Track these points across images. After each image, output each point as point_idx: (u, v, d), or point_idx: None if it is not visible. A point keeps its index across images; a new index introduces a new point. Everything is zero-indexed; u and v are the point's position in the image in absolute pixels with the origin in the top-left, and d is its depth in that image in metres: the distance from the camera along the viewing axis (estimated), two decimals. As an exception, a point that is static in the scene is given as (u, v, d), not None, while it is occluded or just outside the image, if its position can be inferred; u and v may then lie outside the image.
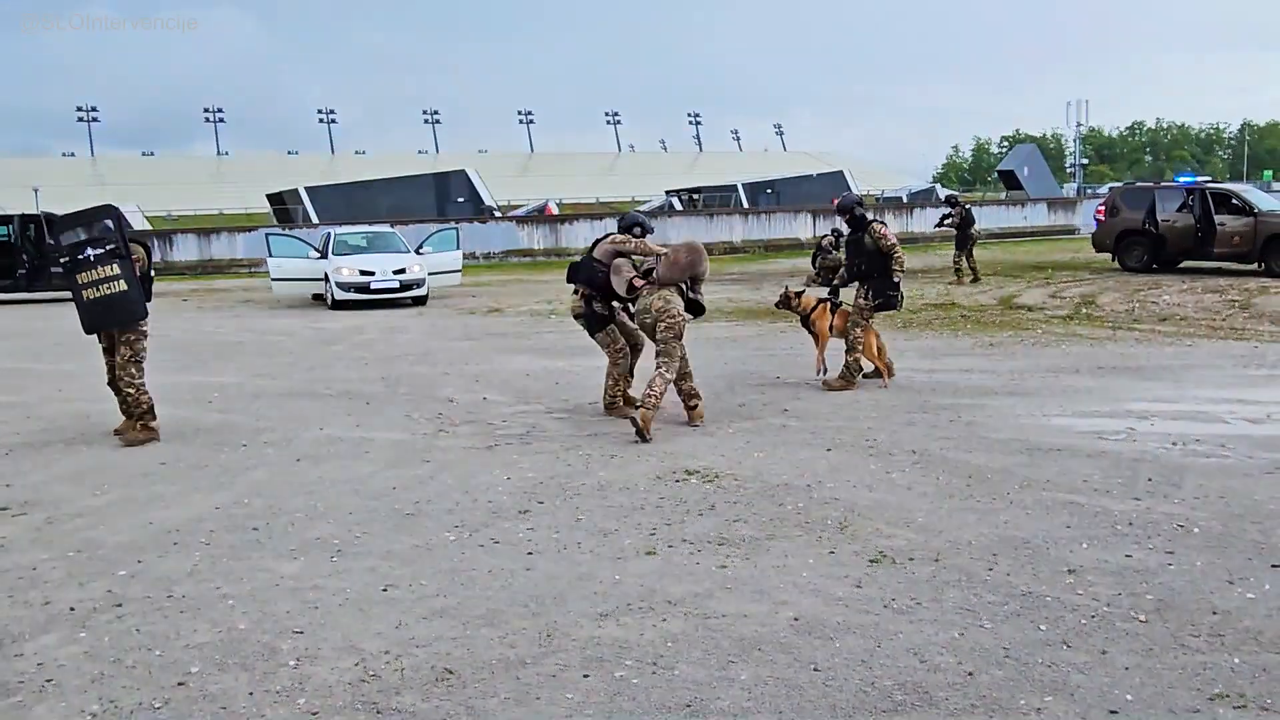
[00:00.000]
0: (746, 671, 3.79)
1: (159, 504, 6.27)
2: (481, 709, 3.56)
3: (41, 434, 8.44)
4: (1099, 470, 6.39)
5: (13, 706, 3.67)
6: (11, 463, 7.44)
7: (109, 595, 4.74)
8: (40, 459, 7.55)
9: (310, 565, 5.08)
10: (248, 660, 4.01)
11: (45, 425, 8.81)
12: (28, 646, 4.19)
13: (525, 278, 28.01)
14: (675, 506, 5.88)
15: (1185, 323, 13.48)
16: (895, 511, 5.68)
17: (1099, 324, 13.63)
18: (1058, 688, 3.60)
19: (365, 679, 3.81)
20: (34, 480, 6.93)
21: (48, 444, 8.05)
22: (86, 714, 3.60)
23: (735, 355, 11.74)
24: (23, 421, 9.00)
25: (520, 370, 11.17)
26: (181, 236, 36.19)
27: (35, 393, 10.56)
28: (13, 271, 24.43)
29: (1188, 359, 10.59)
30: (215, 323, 17.87)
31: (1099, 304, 16.00)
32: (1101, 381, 9.43)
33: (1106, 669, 3.73)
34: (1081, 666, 3.75)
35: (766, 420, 8.13)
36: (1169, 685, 3.59)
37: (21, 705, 3.68)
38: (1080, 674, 3.70)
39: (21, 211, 26.43)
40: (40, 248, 24.86)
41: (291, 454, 7.47)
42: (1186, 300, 15.95)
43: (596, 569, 4.91)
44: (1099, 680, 3.64)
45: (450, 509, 5.97)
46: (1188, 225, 20.34)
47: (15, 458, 7.60)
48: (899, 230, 41.19)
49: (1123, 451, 6.84)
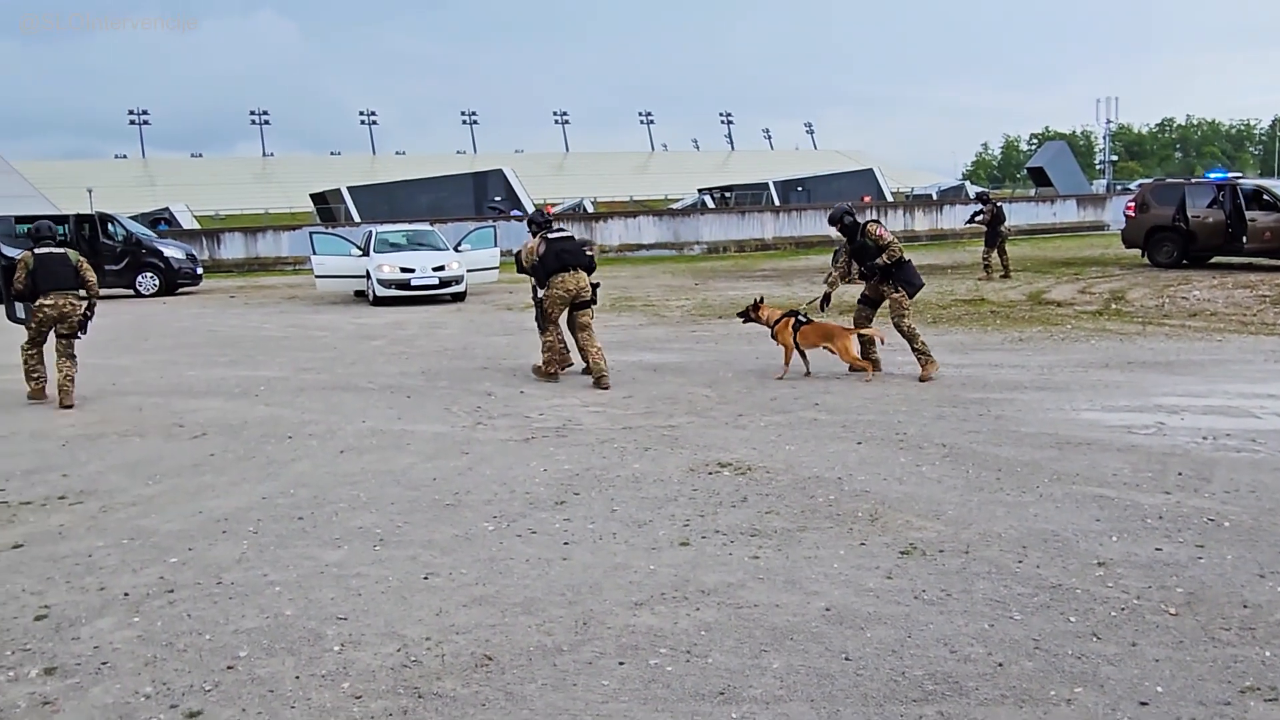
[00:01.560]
0: (779, 660, 3.77)
1: (208, 494, 6.33)
2: (520, 694, 3.57)
3: (97, 426, 8.55)
4: (1129, 464, 6.30)
5: (71, 687, 3.73)
6: (68, 453, 7.55)
7: (161, 581, 4.80)
8: (95, 450, 7.65)
9: (353, 554, 5.12)
10: (294, 645, 4.05)
11: (100, 418, 8.92)
12: (84, 630, 4.25)
13: (561, 274, 28.04)
14: (708, 498, 5.87)
15: (1215, 318, 13.26)
16: (925, 504, 5.64)
17: (1129, 319, 13.44)
18: (1088, 679, 3.56)
19: (407, 664, 3.84)
20: (90, 470, 7.02)
21: (102, 435, 8.16)
22: (140, 695, 3.65)
23: (767, 350, 11.67)
24: (79, 414, 9.12)
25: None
26: (229, 235, 36.59)
27: (91, 386, 10.69)
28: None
29: (1218, 354, 10.43)
30: (261, 318, 18.04)
31: (1129, 299, 15.78)
32: (1131, 376, 9.30)
33: (1137, 661, 3.68)
34: (1112, 658, 3.71)
35: (798, 414, 8.10)
36: (1199, 678, 3.54)
37: (79, 686, 3.74)
38: (1110, 666, 3.65)
39: (77, 211, 26.79)
40: (95, 246, 25.23)
41: (335, 446, 7.52)
42: (1217, 295, 15.70)
43: (631, 559, 4.91)
44: (1129, 672, 3.60)
45: (489, 500, 5.99)
46: (1218, 221, 20.02)
47: (72, 448, 7.71)
48: (929, 227, 40.97)
49: (1152, 446, 6.75)
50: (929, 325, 13.38)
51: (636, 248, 37.59)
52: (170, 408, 9.27)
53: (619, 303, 18.32)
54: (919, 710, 3.38)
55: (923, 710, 3.38)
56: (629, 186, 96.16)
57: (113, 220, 25.89)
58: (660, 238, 38.24)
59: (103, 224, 25.46)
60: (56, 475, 6.89)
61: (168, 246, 26.53)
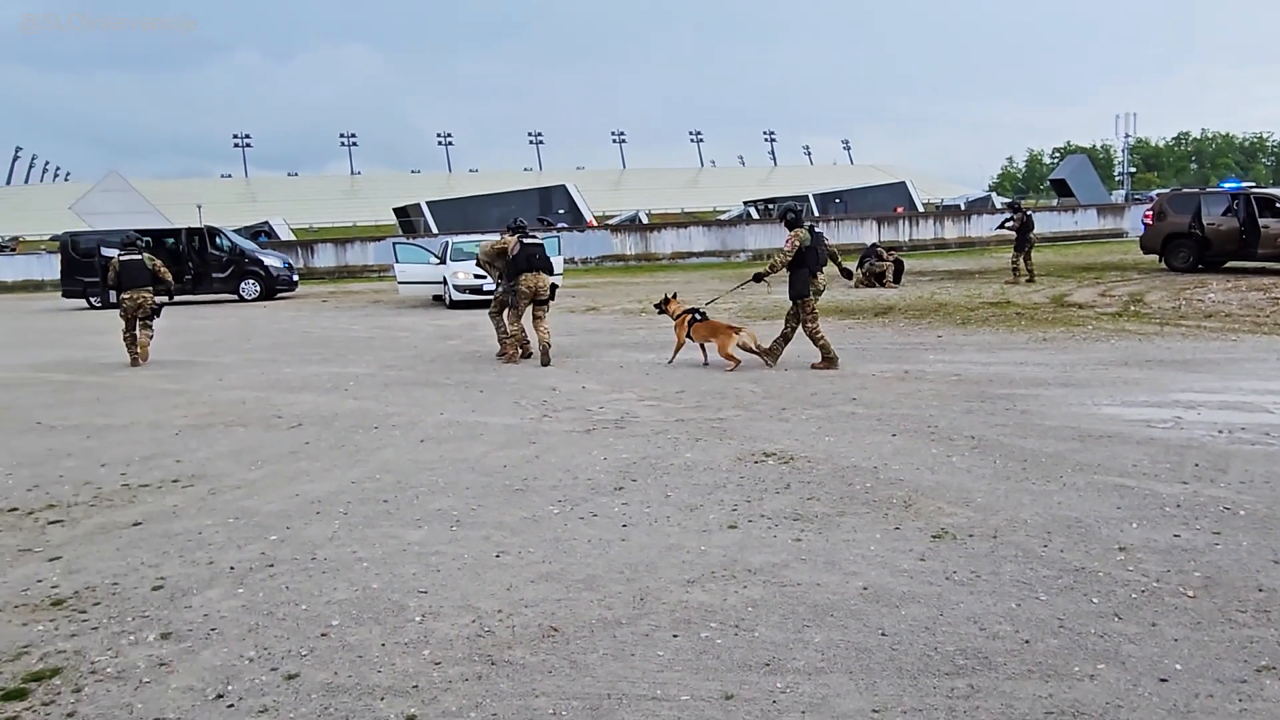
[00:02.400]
0: (820, 635, 3.74)
1: (304, 478, 6.42)
2: (583, 663, 3.58)
3: (205, 417, 8.72)
4: (1147, 456, 6.15)
5: (183, 650, 3.81)
6: (181, 441, 7.71)
7: (262, 557, 4.88)
8: (204, 438, 7.80)
9: (433, 533, 5.16)
10: (380, 615, 4.09)
11: (208, 410, 9.10)
12: (195, 600, 4.34)
13: (619, 280, 28.08)
14: (754, 485, 5.84)
15: (1230, 319, 12.88)
16: (955, 492, 5.55)
17: (1147, 320, 13.10)
18: (1110, 656, 3.47)
19: (481, 634, 3.86)
20: (199, 457, 7.16)
21: (210, 426, 8.32)
22: (244, 659, 3.71)
23: (807, 349, 11.57)
24: (189, 406, 9.31)
25: (614, 363, 11.20)
26: (321, 246, 37.19)
27: (200, 382, 10.93)
28: (181, 277, 25.38)
29: (1233, 353, 10.13)
30: (350, 321, 18.29)
31: (1147, 302, 15.38)
32: (1149, 373, 9.06)
33: (1157, 640, 3.59)
34: (1132, 637, 3.62)
35: (836, 408, 8.02)
36: (1217, 657, 3.44)
37: (190, 650, 3.81)
38: (1131, 644, 3.56)
39: (188, 225, 27.39)
40: (203, 256, 25.78)
41: (416, 436, 7.59)
42: (1231, 298, 15.24)
43: (684, 540, 4.89)
44: (1149, 650, 3.51)
45: (554, 485, 6.01)
46: (1232, 228, 19.47)
47: (184, 437, 7.88)
48: (957, 235, 40.35)
49: (1170, 439, 6.57)
50: (958, 326, 13.19)
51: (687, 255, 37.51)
52: (270, 401, 9.43)
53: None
54: (951, 683, 3.33)
55: (954, 683, 3.33)
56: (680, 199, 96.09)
57: (219, 233, 26.44)
58: (709, 246, 38.15)
59: (211, 236, 26.01)
60: (171, 461, 7.04)
61: (267, 256, 27.05)
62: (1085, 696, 3.20)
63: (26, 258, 40.29)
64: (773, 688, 3.34)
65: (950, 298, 17.34)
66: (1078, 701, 3.17)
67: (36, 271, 37.18)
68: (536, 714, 3.22)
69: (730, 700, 3.27)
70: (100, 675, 3.61)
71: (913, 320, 14.25)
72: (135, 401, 9.69)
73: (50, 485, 6.45)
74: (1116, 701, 3.17)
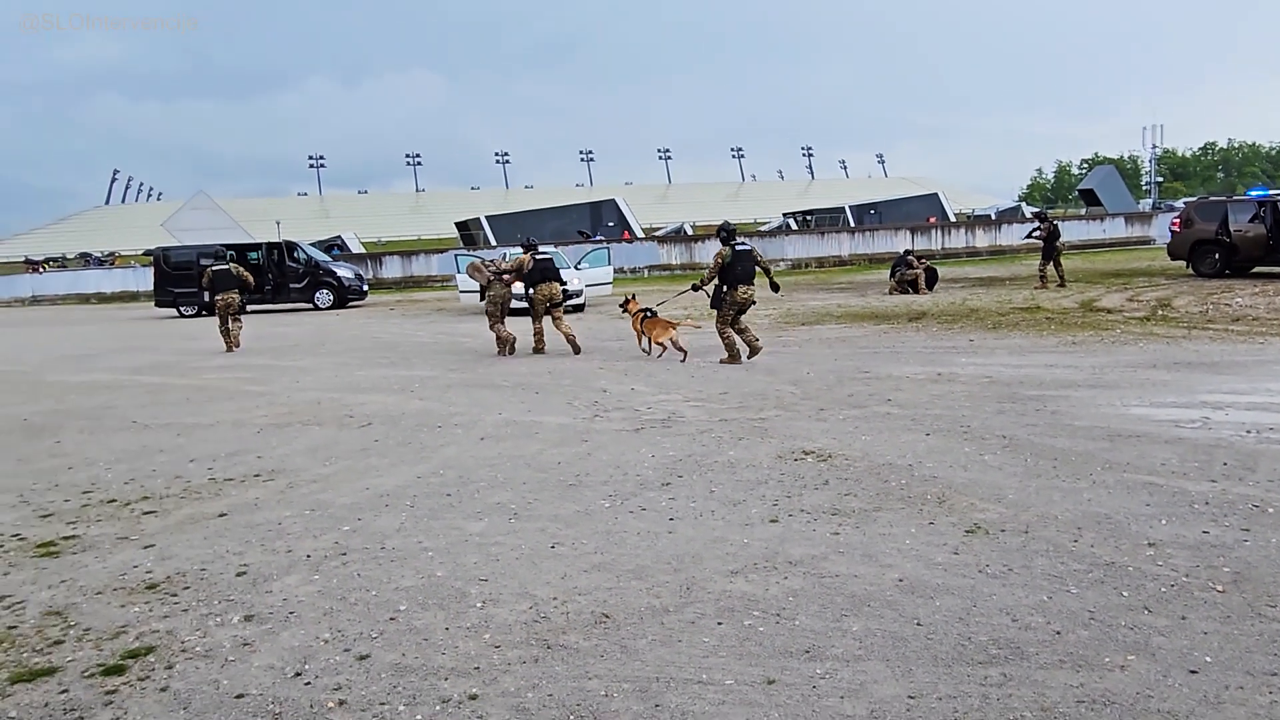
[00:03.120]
0: (858, 624, 3.70)
1: (373, 473, 6.50)
2: (633, 648, 3.57)
3: (284, 416, 8.87)
4: (1176, 455, 5.98)
5: (265, 632, 3.88)
6: (262, 439, 7.86)
7: (336, 545, 4.95)
8: (283, 436, 7.94)
9: (492, 525, 5.19)
10: (444, 601, 4.12)
11: (287, 410, 9.25)
12: (275, 585, 4.41)
13: (665, 288, 28.05)
14: (794, 481, 5.79)
15: (1257, 323, 12.49)
16: (987, 489, 5.45)
17: (1175, 324, 12.76)
18: (1140, 648, 3.39)
19: (537, 620, 3.88)
20: (279, 453, 7.29)
21: (289, 424, 8.46)
22: (320, 640, 3.77)
23: (844, 352, 11.48)
24: (270, 406, 9.48)
25: (661, 366, 11.19)
26: (388, 258, 37.71)
27: (279, 384, 11.13)
28: (261, 287, 25.90)
29: (1260, 355, 9.82)
30: (415, 327, 18.50)
31: (1174, 306, 14.98)
32: (1178, 375, 8.82)
33: (1186, 633, 3.49)
34: (1162, 630, 3.52)
35: (872, 408, 7.92)
36: (1247, 650, 3.34)
37: (271, 631, 3.88)
38: (1161, 637, 3.47)
39: (268, 240, 27.93)
40: (282, 268, 26.27)
41: (476, 434, 7.64)
42: (1259, 302, 14.79)
43: (728, 533, 4.87)
44: (1179, 643, 3.41)
45: (605, 481, 6.01)
46: (1259, 234, 18.90)
47: (265, 435, 8.02)
48: (988, 244, 39.72)
49: (1199, 438, 6.39)
50: (989, 331, 12.96)
51: (729, 264, 37.32)
52: (342, 401, 9.57)
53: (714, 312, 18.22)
54: (984, 671, 3.27)
55: (987, 671, 3.27)
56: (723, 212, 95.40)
57: (296, 246, 26.92)
58: (750, 255, 37.88)
59: (288, 250, 26.50)
60: (252, 457, 7.17)
61: (340, 268, 27.48)
62: (1116, 686, 3.13)
63: (123, 270, 41.45)
64: (812, 674, 3.31)
65: (982, 303, 17.06)
66: (1109, 691, 3.10)
67: (132, 283, 38.26)
68: (589, 695, 3.22)
69: (772, 685, 3.24)
70: (190, 653, 3.69)
71: (945, 325, 14.04)
72: (221, 402, 9.90)
73: (145, 479, 6.61)
74: (1147, 692, 3.09)
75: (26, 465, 7.23)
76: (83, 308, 34.90)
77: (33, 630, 3.99)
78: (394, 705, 3.21)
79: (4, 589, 4.51)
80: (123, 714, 3.23)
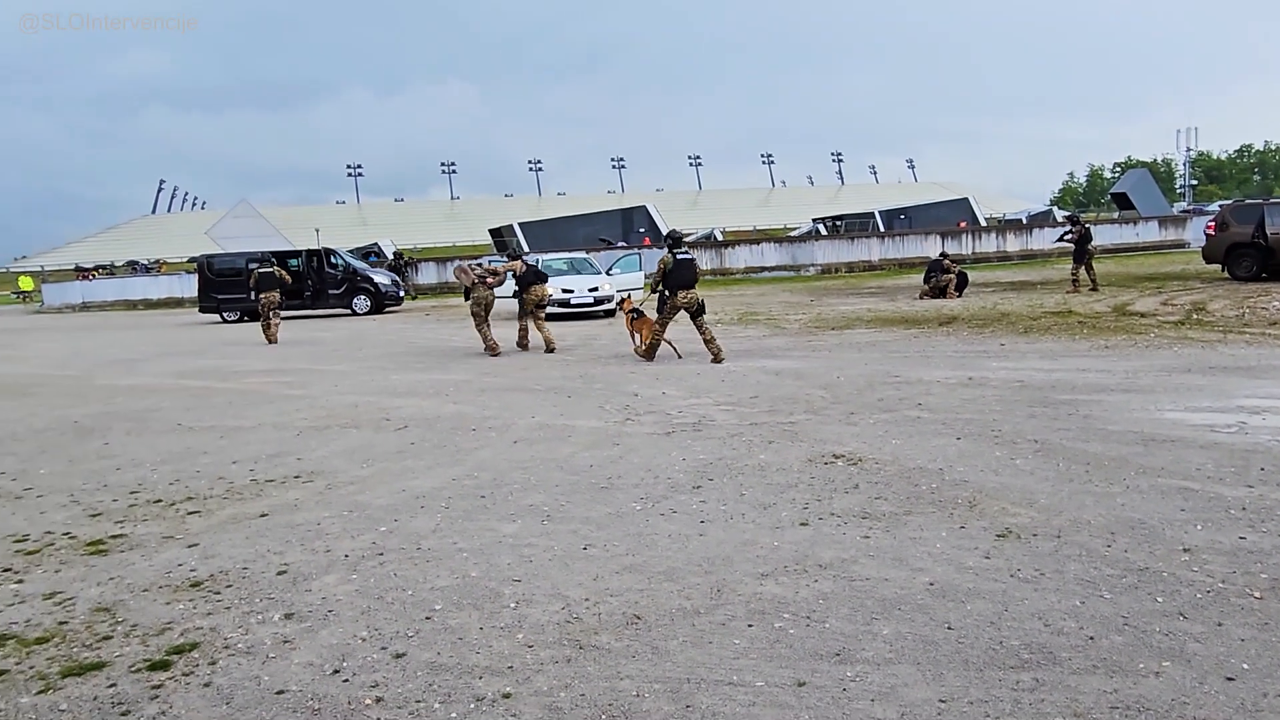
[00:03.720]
0: (888, 627, 3.66)
1: (410, 475, 6.54)
2: (664, 649, 3.57)
3: (323, 419, 8.96)
4: (1211, 460, 5.86)
5: (304, 630, 3.92)
6: (302, 441, 7.94)
7: (373, 546, 4.98)
8: (322, 439, 8.02)
9: (526, 527, 5.20)
10: (478, 601, 4.14)
11: (326, 413, 9.35)
12: (314, 584, 4.45)
13: (695, 293, 27.98)
14: (824, 485, 5.75)
15: (1295, 327, 12.22)
16: (1019, 493, 5.38)
17: (1210, 328, 12.50)
18: (1175, 654, 3.32)
19: (570, 620, 3.88)
20: (318, 455, 7.36)
21: (327, 427, 8.54)
22: (358, 638, 3.80)
23: (874, 356, 11.39)
24: (309, 409, 9.58)
25: (691, 370, 11.17)
26: (424, 264, 38.05)
27: (318, 387, 11.26)
28: (302, 293, 26.25)
29: (1298, 360, 9.60)
30: (450, 332, 18.63)
31: (1209, 310, 14.68)
32: (1213, 380, 8.64)
33: (1223, 640, 3.41)
34: (1198, 636, 3.45)
35: (903, 412, 7.85)
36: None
37: (310, 629, 3.92)
38: (1197, 643, 3.40)
39: (308, 247, 28.29)
40: (321, 274, 26.59)
41: (510, 437, 7.67)
42: (1296, 306, 14.47)
43: (758, 536, 4.85)
44: (1215, 649, 3.34)
45: (636, 484, 6.01)
46: (1297, 237, 18.51)
47: (304, 437, 8.11)
48: (1020, 248, 39.24)
49: (1235, 443, 6.25)
50: (1020, 335, 12.80)
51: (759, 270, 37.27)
52: (379, 405, 9.65)
53: (745, 317, 18.18)
54: (1016, 676, 3.22)
55: (1019, 676, 3.22)
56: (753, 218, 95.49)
57: (335, 254, 27.27)
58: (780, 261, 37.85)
59: (327, 256, 26.84)
60: (293, 459, 7.26)
61: (377, 274, 27.77)
62: (1150, 693, 3.07)
63: (169, 278, 42.25)
64: (843, 676, 3.28)
65: (1013, 307, 16.85)
66: (1143, 697, 3.04)
67: (178, 290, 38.96)
68: (621, 695, 3.23)
69: (803, 687, 3.22)
70: (232, 650, 3.74)
71: (976, 329, 13.89)
72: (262, 405, 10.03)
73: (189, 479, 6.72)
74: (1182, 699, 3.03)
75: (77, 466, 7.37)
76: (130, 314, 35.57)
77: (82, 626, 4.07)
78: (429, 703, 3.23)
79: (56, 585, 4.60)
80: (168, 708, 3.28)
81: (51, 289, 42.24)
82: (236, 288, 25.99)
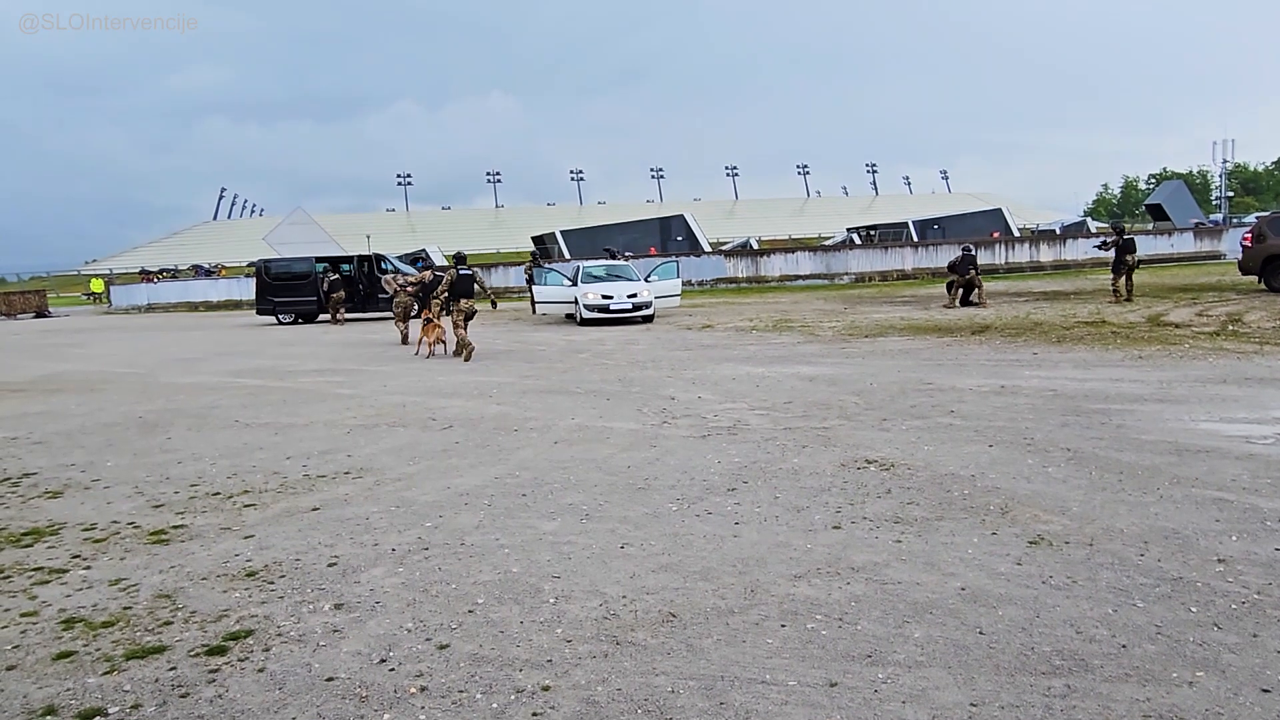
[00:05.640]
0: (919, 631, 3.61)
1: (454, 473, 6.59)
2: (699, 647, 3.56)
3: (372, 418, 9.06)
4: (1247, 471, 5.71)
5: (353, 620, 3.96)
6: (351, 439, 8.04)
7: (419, 540, 5.03)
8: (371, 436, 8.11)
9: (565, 525, 5.22)
10: (519, 596, 4.16)
11: (374, 412, 9.46)
12: (363, 576, 4.51)
13: (731, 301, 27.95)
14: (857, 489, 5.70)
15: (1333, 339, 11.85)
16: (1051, 500, 5.28)
17: (1246, 340, 12.18)
18: (1209, 665, 3.23)
19: (607, 617, 3.88)
20: (367, 452, 7.45)
21: (376, 425, 8.64)
22: (403, 629, 3.83)
23: (907, 364, 11.26)
24: (359, 408, 9.70)
25: (728, 375, 11.13)
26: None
27: (367, 387, 11.40)
28: (353, 296, 26.62)
29: (1336, 372, 9.31)
30: (493, 335, 18.76)
31: (1245, 321, 14.30)
32: (1249, 391, 8.42)
33: (1258, 651, 3.32)
34: (1233, 647, 3.36)
35: (935, 419, 7.75)
36: (1321, 670, 3.16)
37: (359, 620, 3.97)
38: (1231, 654, 3.31)
39: (359, 253, 28.67)
40: (372, 279, 26.93)
41: (551, 438, 7.70)
42: (1334, 318, 14.04)
43: (791, 539, 4.81)
44: (1250, 661, 3.25)
45: (673, 485, 6.00)
46: (1334, 250, 17.97)
47: (354, 435, 8.21)
48: (1053, 258, 38.59)
49: (1271, 454, 6.08)
50: (1053, 344, 12.58)
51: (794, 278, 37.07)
52: (425, 405, 9.74)
53: (780, 324, 18.08)
54: (1047, 682, 3.16)
55: (1051, 682, 3.16)
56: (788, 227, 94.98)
57: (385, 259, 27.61)
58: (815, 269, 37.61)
59: (377, 262, 27.18)
60: (343, 455, 7.35)
61: (424, 279, 28.04)
62: (1184, 702, 2.99)
63: (228, 281, 43.05)
64: (874, 678, 3.25)
65: (1046, 317, 16.57)
66: (1176, 707, 2.97)
67: (236, 293, 39.71)
68: (656, 691, 3.22)
69: (834, 687, 3.19)
70: (285, 637, 3.79)
71: (1009, 338, 13.67)
72: (314, 404, 10.18)
73: (245, 474, 6.83)
74: (1217, 709, 2.95)
75: (141, 459, 7.54)
76: (191, 315, 36.33)
77: (145, 611, 4.15)
78: (471, 693, 3.25)
79: (121, 572, 4.71)
80: (224, 691, 3.34)
81: (119, 291, 43.28)
82: (291, 291, 26.42)
